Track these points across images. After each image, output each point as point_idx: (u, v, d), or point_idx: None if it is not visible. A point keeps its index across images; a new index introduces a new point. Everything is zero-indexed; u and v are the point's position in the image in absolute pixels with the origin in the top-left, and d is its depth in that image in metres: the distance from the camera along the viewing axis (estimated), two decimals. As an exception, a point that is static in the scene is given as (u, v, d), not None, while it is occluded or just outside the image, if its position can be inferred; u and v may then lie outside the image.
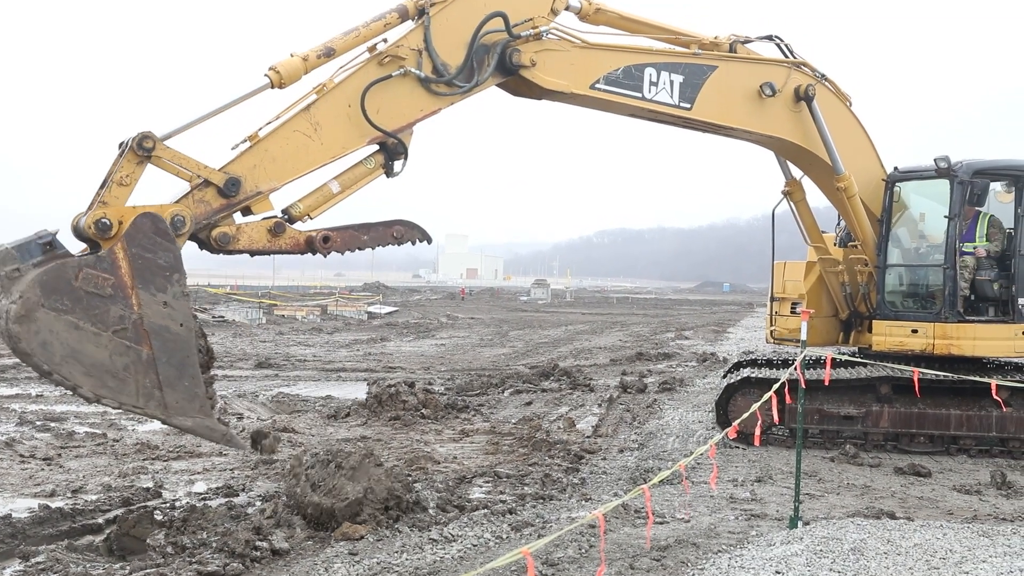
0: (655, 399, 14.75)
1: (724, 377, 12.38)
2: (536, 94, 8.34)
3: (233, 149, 6.79)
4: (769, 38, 10.25)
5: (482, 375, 17.97)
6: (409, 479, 8.12)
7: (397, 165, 7.50)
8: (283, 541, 6.67)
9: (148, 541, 6.67)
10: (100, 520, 7.38)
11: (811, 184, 11.18)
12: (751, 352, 13.59)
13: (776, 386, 7.99)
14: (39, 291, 5.71)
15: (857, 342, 11.67)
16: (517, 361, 21.53)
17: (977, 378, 9.73)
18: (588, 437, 11.48)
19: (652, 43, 9.16)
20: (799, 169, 11.11)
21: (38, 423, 11.54)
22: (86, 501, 7.90)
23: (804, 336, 8.10)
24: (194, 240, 6.69)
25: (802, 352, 8.06)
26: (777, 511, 7.99)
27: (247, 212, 6.87)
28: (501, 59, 7.73)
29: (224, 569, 6.16)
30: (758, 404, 7.88)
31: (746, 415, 8.11)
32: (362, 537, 6.83)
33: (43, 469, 9.22)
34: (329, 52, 7.03)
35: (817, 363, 11.22)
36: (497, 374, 18.12)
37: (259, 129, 6.87)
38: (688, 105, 9.14)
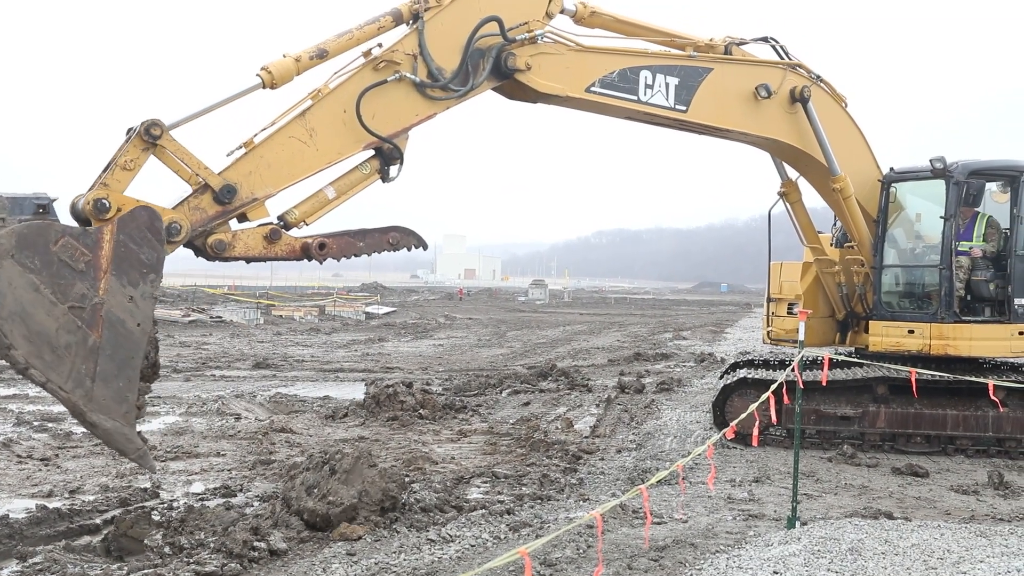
0: (653, 399, 14.77)
1: (721, 378, 12.41)
2: (531, 97, 8.35)
3: (228, 156, 6.79)
4: (764, 40, 10.27)
5: (480, 375, 17.98)
6: (404, 478, 8.14)
7: (393, 170, 7.49)
8: (281, 541, 6.67)
9: (146, 541, 6.68)
10: (98, 520, 7.39)
11: (807, 185, 11.21)
12: (748, 353, 13.60)
13: (774, 387, 8.01)
14: (14, 241, 5.60)
15: (854, 342, 11.70)
16: (515, 361, 21.54)
17: (974, 378, 9.76)
18: (586, 437, 11.49)
19: (647, 46, 9.18)
20: (795, 170, 11.13)
21: (35, 423, 11.55)
22: (84, 501, 7.91)
23: (801, 336, 8.13)
24: (190, 247, 6.68)
25: (799, 353, 8.08)
26: (775, 511, 8.01)
27: (243, 219, 6.86)
28: (496, 63, 7.73)
29: (222, 569, 6.16)
30: (756, 404, 7.89)
31: (744, 415, 8.12)
32: (360, 537, 6.84)
33: (40, 469, 9.22)
34: (322, 53, 7.02)
35: (814, 364, 11.24)
36: (495, 374, 18.13)
37: (254, 135, 6.86)
38: (684, 107, 9.15)
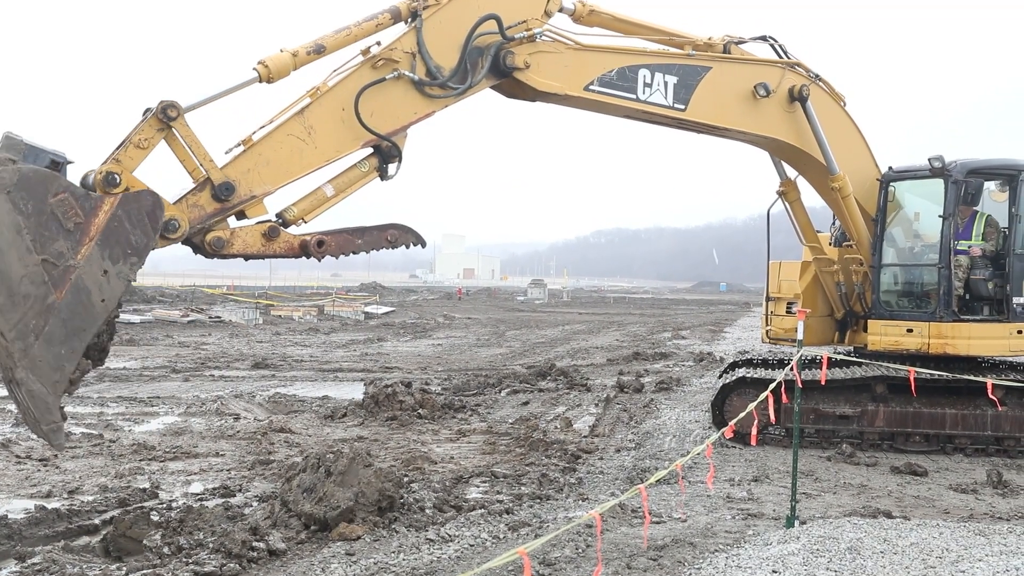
0: (652, 399, 14.76)
1: (720, 377, 12.41)
2: (530, 96, 8.34)
3: (227, 153, 6.79)
4: (763, 39, 10.27)
5: (479, 375, 17.98)
6: (402, 478, 8.13)
7: (391, 168, 7.48)
8: (280, 542, 6.67)
9: (144, 542, 6.68)
10: (96, 521, 7.39)
11: (806, 184, 11.21)
12: (747, 352, 13.61)
13: (772, 386, 8.01)
14: (15, 179, 5.56)
15: (853, 342, 11.70)
16: (514, 361, 21.54)
17: (973, 377, 9.76)
18: (585, 437, 11.49)
19: (646, 44, 9.17)
20: (794, 169, 11.13)
21: (34, 425, 11.53)
22: (82, 502, 7.90)
23: (800, 336, 8.13)
24: (188, 244, 6.67)
25: (798, 352, 8.08)
26: (774, 510, 8.01)
27: (241, 216, 6.85)
28: (495, 61, 7.73)
29: (221, 570, 6.16)
30: (754, 404, 7.89)
31: (742, 415, 8.13)
32: (359, 537, 6.84)
33: (39, 470, 9.22)
34: (319, 49, 7.01)
35: (813, 363, 11.25)
36: (494, 374, 18.13)
37: (253, 133, 6.86)
38: (682, 106, 9.15)
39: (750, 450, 10.50)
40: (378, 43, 7.29)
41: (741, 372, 11.46)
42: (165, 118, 6.30)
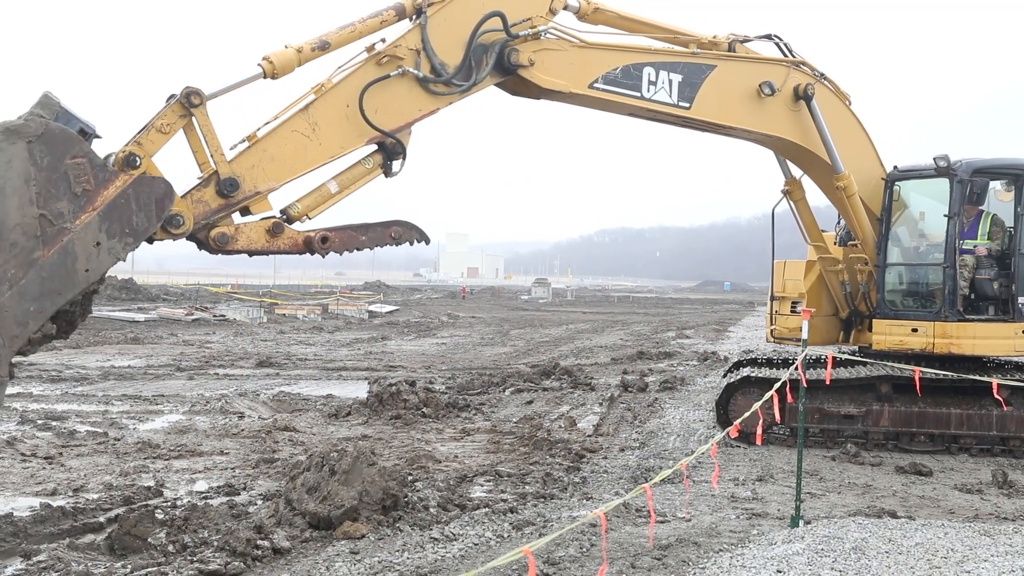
0: (656, 398, 14.76)
1: (724, 376, 12.40)
2: (534, 93, 8.33)
3: (231, 149, 6.79)
4: (768, 37, 10.25)
5: (483, 374, 17.97)
6: (406, 476, 8.13)
7: (396, 165, 7.48)
8: (284, 540, 6.67)
9: (149, 540, 6.68)
10: (101, 519, 7.39)
11: (811, 183, 11.20)
12: (751, 351, 13.59)
13: (777, 385, 8.00)
14: (40, 132, 5.58)
15: (857, 341, 11.68)
16: (518, 360, 21.54)
17: (978, 377, 9.74)
18: (589, 436, 11.48)
19: (651, 42, 9.15)
20: (799, 168, 11.11)
21: (39, 422, 11.55)
22: (87, 500, 7.91)
23: (805, 335, 8.11)
24: (192, 240, 6.68)
25: (803, 351, 8.07)
26: (778, 510, 8.00)
27: (245, 212, 6.85)
28: (499, 59, 7.72)
29: (225, 568, 6.17)
30: (759, 403, 7.89)
31: (747, 414, 8.12)
32: (363, 536, 6.84)
33: (44, 468, 9.23)
34: (324, 45, 7.00)
35: (817, 362, 11.24)
36: (498, 373, 18.13)
37: (257, 129, 6.86)
38: (687, 104, 9.13)
39: (755, 449, 10.49)
40: (383, 40, 7.28)
41: (746, 371, 11.46)
42: (188, 104, 6.34)
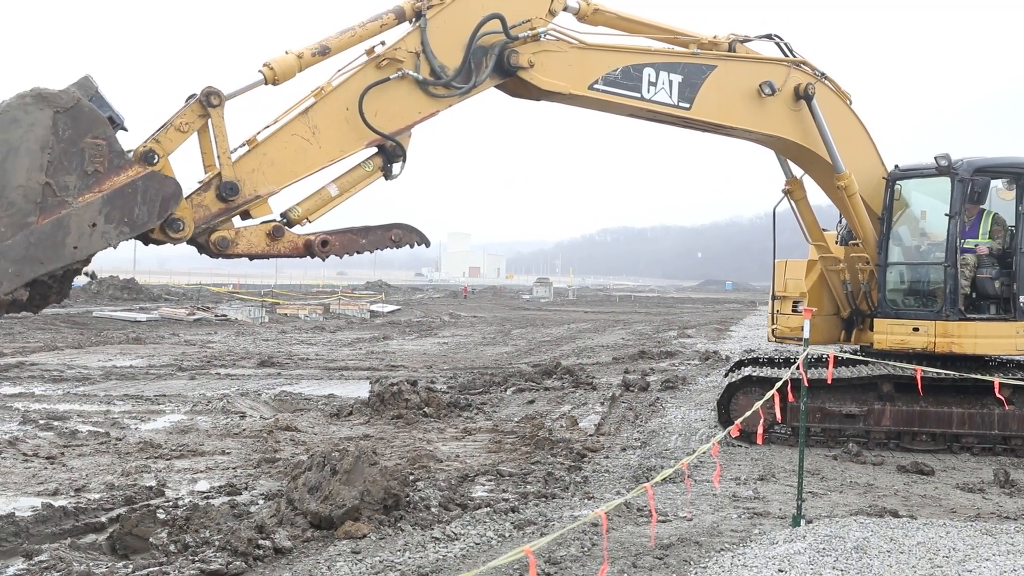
0: (658, 397, 14.76)
1: (726, 376, 12.40)
2: (534, 95, 8.33)
3: (232, 153, 6.79)
4: (768, 37, 10.24)
5: (484, 373, 17.98)
6: (407, 476, 8.13)
7: (396, 167, 7.48)
8: (286, 539, 6.68)
9: (151, 540, 6.70)
10: (103, 519, 7.40)
11: (812, 182, 11.19)
12: (753, 350, 13.59)
13: (779, 384, 8.00)
14: (70, 104, 5.64)
15: (859, 340, 11.68)
16: (519, 359, 21.54)
17: (979, 376, 9.74)
18: (591, 435, 11.48)
19: (650, 43, 9.15)
20: (800, 168, 11.11)
21: (41, 422, 11.57)
22: (89, 500, 7.92)
23: (806, 334, 8.11)
24: (193, 244, 6.68)
25: (804, 350, 8.07)
26: (780, 509, 8.00)
27: (245, 216, 6.86)
28: (499, 60, 7.72)
29: (227, 568, 6.18)
30: (760, 402, 7.89)
31: (748, 413, 8.12)
32: (365, 536, 6.85)
33: (46, 468, 9.24)
34: (324, 50, 7.01)
35: (819, 361, 11.24)
36: (499, 372, 18.14)
37: (257, 133, 6.87)
38: (687, 105, 9.13)
39: (756, 449, 10.49)
40: (382, 43, 7.29)
41: (747, 371, 11.46)
42: (207, 104, 6.39)
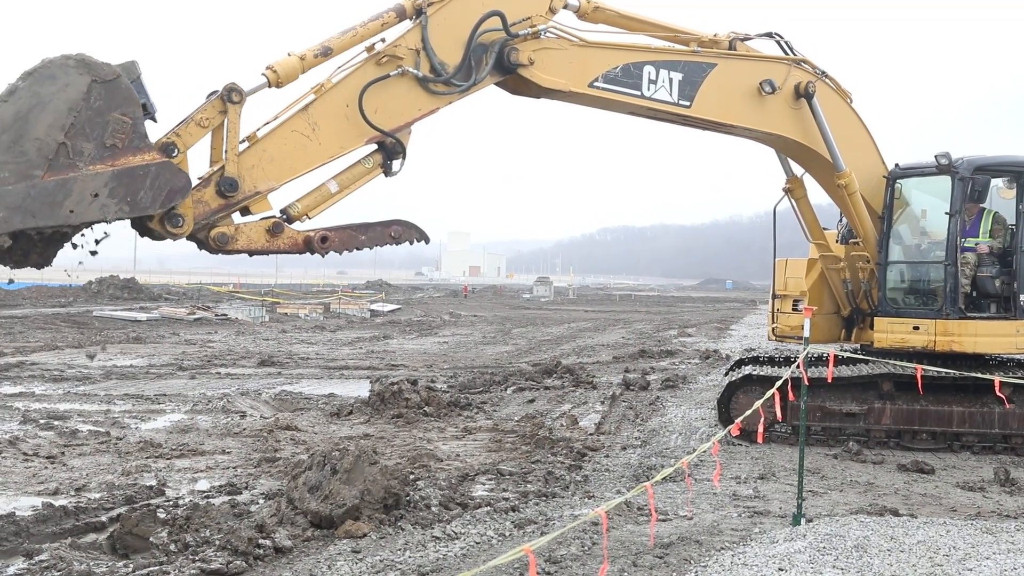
0: (658, 396, 14.76)
1: (726, 374, 12.39)
2: (534, 93, 8.32)
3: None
4: (769, 35, 10.24)
5: (485, 373, 17.98)
6: (407, 475, 8.12)
7: (395, 164, 7.48)
8: (286, 539, 6.68)
9: (151, 539, 6.70)
10: (103, 518, 7.41)
11: (812, 181, 11.18)
12: (753, 349, 13.59)
13: (779, 383, 7.99)
14: (109, 77, 5.72)
15: (859, 339, 11.68)
16: (520, 359, 21.54)
17: (980, 375, 9.73)
18: (591, 434, 11.48)
19: (651, 41, 9.14)
20: (800, 166, 11.10)
21: (41, 421, 11.57)
22: (89, 499, 7.92)
23: (806, 333, 8.11)
24: (192, 240, 6.68)
25: (804, 349, 8.06)
26: (780, 508, 8.00)
27: (245, 212, 6.86)
28: (499, 58, 7.71)
29: (227, 567, 6.17)
30: (761, 401, 7.89)
31: (749, 412, 8.12)
32: (365, 535, 6.85)
33: (46, 467, 9.24)
34: (326, 51, 7.02)
35: (819, 360, 11.23)
36: (500, 372, 18.14)
37: (257, 129, 6.86)
38: (687, 103, 9.13)
39: (756, 448, 10.49)
40: (382, 40, 7.29)
41: (747, 370, 11.45)
42: (228, 100, 6.43)
